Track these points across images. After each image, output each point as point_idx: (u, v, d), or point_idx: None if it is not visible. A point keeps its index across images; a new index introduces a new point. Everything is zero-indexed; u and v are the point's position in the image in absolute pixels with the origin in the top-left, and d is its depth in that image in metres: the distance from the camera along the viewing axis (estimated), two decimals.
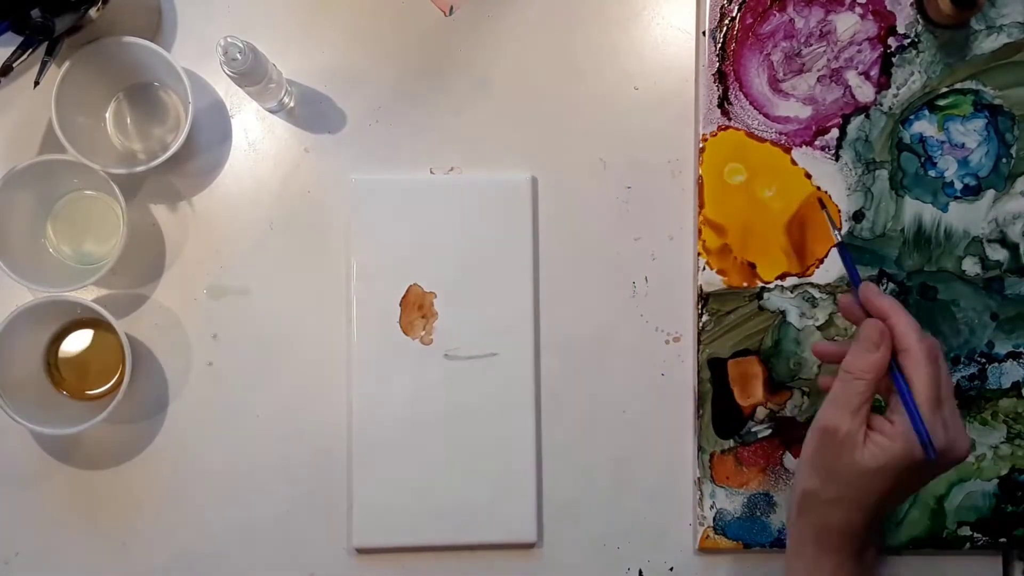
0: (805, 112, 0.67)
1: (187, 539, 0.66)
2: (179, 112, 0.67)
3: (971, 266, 0.67)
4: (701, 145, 0.67)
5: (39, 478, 0.66)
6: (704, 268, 0.67)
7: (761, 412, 0.67)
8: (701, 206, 0.67)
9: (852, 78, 0.67)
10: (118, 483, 0.66)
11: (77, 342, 0.66)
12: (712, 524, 0.67)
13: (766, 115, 0.67)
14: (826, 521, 0.56)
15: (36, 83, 0.60)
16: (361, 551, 0.66)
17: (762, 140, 0.67)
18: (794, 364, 0.67)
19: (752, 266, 0.67)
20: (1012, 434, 0.67)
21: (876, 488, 0.54)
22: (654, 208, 0.68)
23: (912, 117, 0.67)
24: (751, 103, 0.67)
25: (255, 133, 0.67)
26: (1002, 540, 0.67)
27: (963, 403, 0.67)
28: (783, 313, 0.67)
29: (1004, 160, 0.67)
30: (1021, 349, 0.67)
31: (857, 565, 0.56)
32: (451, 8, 0.68)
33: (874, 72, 0.67)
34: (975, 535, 0.67)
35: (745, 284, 0.66)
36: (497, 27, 0.68)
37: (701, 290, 0.67)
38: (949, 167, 0.67)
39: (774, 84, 0.67)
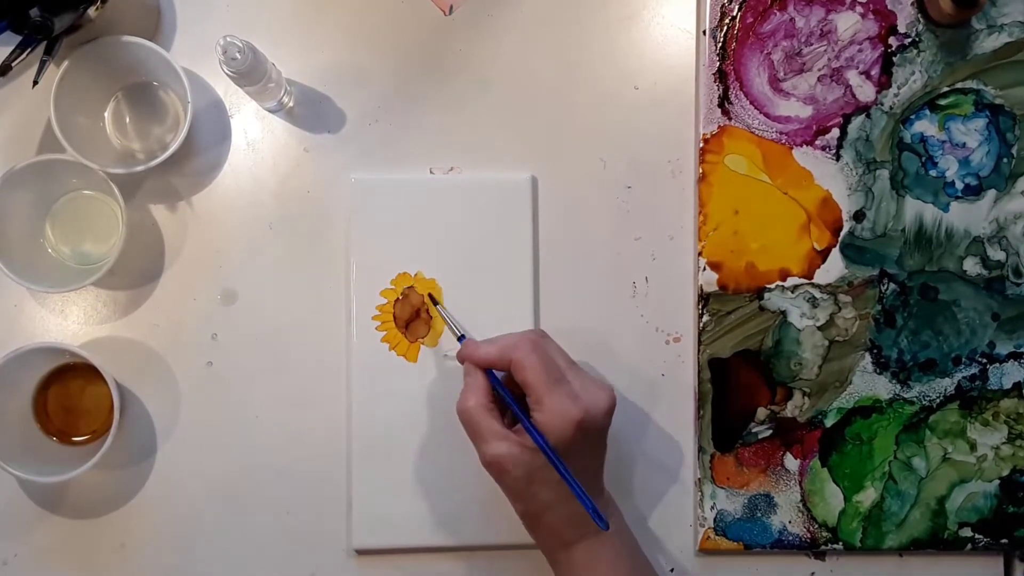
0: (806, 112, 0.67)
1: (186, 539, 0.66)
2: (178, 112, 0.67)
3: (972, 266, 0.67)
4: (701, 145, 0.67)
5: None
6: (704, 268, 0.66)
7: (762, 413, 0.67)
8: (702, 206, 0.66)
9: (853, 77, 0.67)
10: (117, 484, 0.66)
11: (66, 387, 0.65)
12: (713, 525, 0.66)
13: (766, 115, 0.67)
14: (550, 526, 0.58)
15: (35, 82, 0.59)
16: (360, 552, 0.66)
17: (763, 139, 0.67)
18: (795, 364, 0.67)
19: (753, 264, 0.67)
20: (1013, 435, 0.67)
21: (554, 476, 0.56)
22: (654, 208, 0.68)
23: (913, 117, 0.67)
24: (751, 103, 0.67)
25: (254, 133, 0.67)
26: (1003, 541, 0.67)
27: (964, 403, 0.67)
28: (784, 313, 0.67)
29: (1005, 160, 0.67)
30: (1022, 349, 0.67)
31: (606, 537, 0.58)
32: (451, 8, 0.67)
33: (875, 71, 0.67)
34: (976, 536, 0.67)
35: (745, 287, 0.66)
36: (497, 27, 0.68)
37: (701, 290, 0.67)
38: (950, 167, 0.67)
39: (775, 83, 0.67)
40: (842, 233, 0.67)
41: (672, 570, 0.67)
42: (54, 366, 0.65)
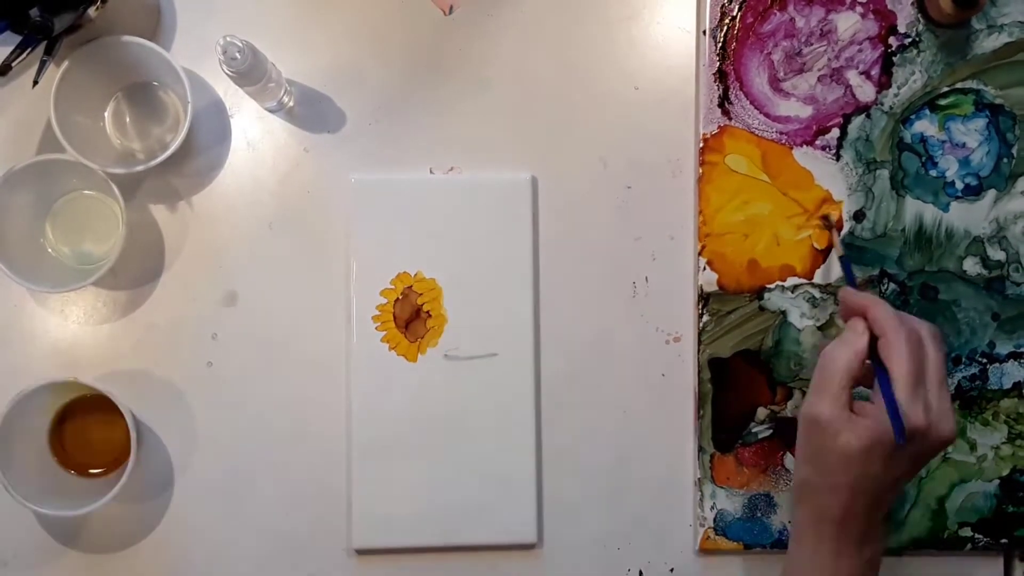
0: (806, 112, 0.67)
1: (186, 540, 0.66)
2: (178, 112, 0.67)
3: (972, 266, 0.67)
4: (701, 145, 0.67)
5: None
6: (704, 268, 0.66)
7: (762, 412, 0.67)
8: (702, 206, 0.66)
9: (853, 77, 0.67)
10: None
11: (83, 419, 0.65)
12: (713, 525, 0.66)
13: (767, 115, 0.67)
14: (821, 508, 0.56)
15: (35, 82, 0.59)
16: (360, 552, 0.66)
17: (763, 139, 0.67)
18: (794, 364, 0.67)
19: (754, 264, 0.67)
20: (1013, 434, 0.67)
21: (865, 472, 0.54)
22: (654, 208, 0.68)
23: (913, 117, 0.67)
24: (752, 102, 0.67)
25: (254, 133, 0.67)
26: (1003, 541, 0.67)
27: (964, 403, 0.67)
28: (784, 313, 0.67)
29: (1005, 160, 0.67)
30: (1022, 349, 0.67)
31: (856, 555, 0.56)
32: (451, 8, 0.67)
33: (875, 71, 0.67)
34: (976, 536, 0.67)
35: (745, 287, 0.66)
36: (497, 27, 0.68)
37: (701, 290, 0.67)
38: (950, 167, 0.67)
39: (775, 83, 0.67)
40: (842, 233, 0.67)
41: (672, 570, 0.67)
42: (69, 399, 0.65)
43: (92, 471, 0.65)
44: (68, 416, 0.65)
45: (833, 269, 0.67)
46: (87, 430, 0.65)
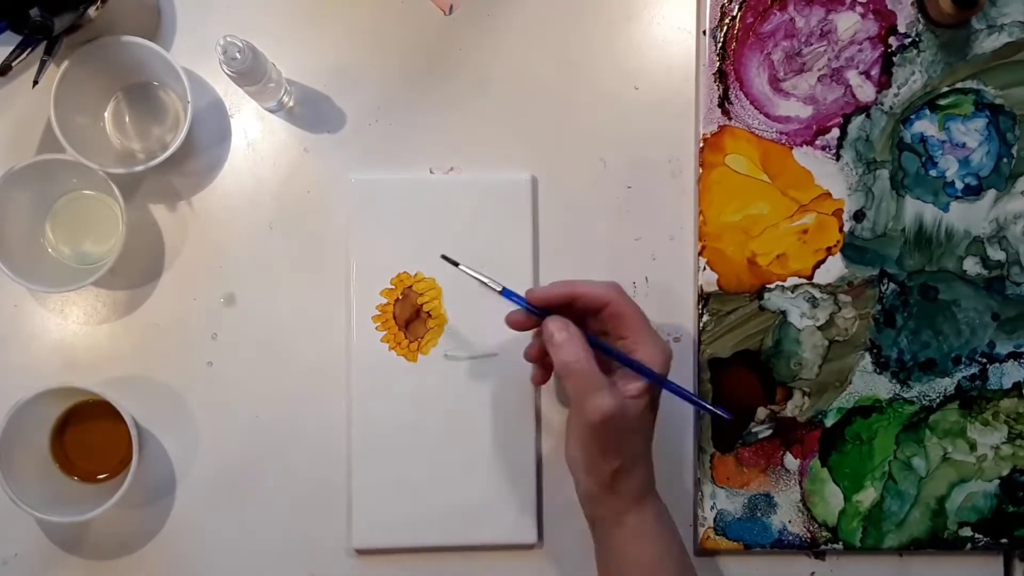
0: (806, 112, 0.67)
1: (188, 542, 0.66)
2: (178, 111, 0.67)
3: (972, 266, 0.67)
4: (701, 145, 0.67)
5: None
6: (704, 268, 0.66)
7: (762, 412, 0.67)
8: (702, 206, 0.66)
9: (853, 77, 0.67)
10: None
11: (84, 424, 0.65)
12: (713, 525, 0.67)
13: (767, 114, 0.67)
14: (640, 479, 0.58)
15: (35, 82, 0.60)
16: (360, 552, 0.66)
17: (763, 139, 0.67)
18: (795, 364, 0.67)
19: (754, 264, 0.66)
20: (1013, 434, 0.67)
21: (651, 425, 0.59)
22: (654, 208, 0.68)
23: (913, 117, 0.67)
24: (751, 102, 0.67)
25: (254, 133, 0.67)
26: (1003, 541, 0.67)
27: (964, 403, 0.67)
28: (784, 313, 0.67)
29: (1005, 160, 0.67)
30: (1022, 349, 0.67)
31: (658, 498, 0.60)
32: (451, 7, 0.67)
33: (875, 71, 0.67)
34: (976, 536, 0.67)
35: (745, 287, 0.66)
36: (497, 27, 0.68)
37: (701, 290, 0.67)
38: (950, 167, 0.67)
39: (775, 83, 0.67)
40: (843, 233, 0.67)
41: None
42: (71, 404, 0.65)
43: (94, 476, 0.65)
44: (70, 422, 0.65)
45: (834, 269, 0.67)
46: (88, 435, 0.65)
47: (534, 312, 0.59)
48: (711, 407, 0.60)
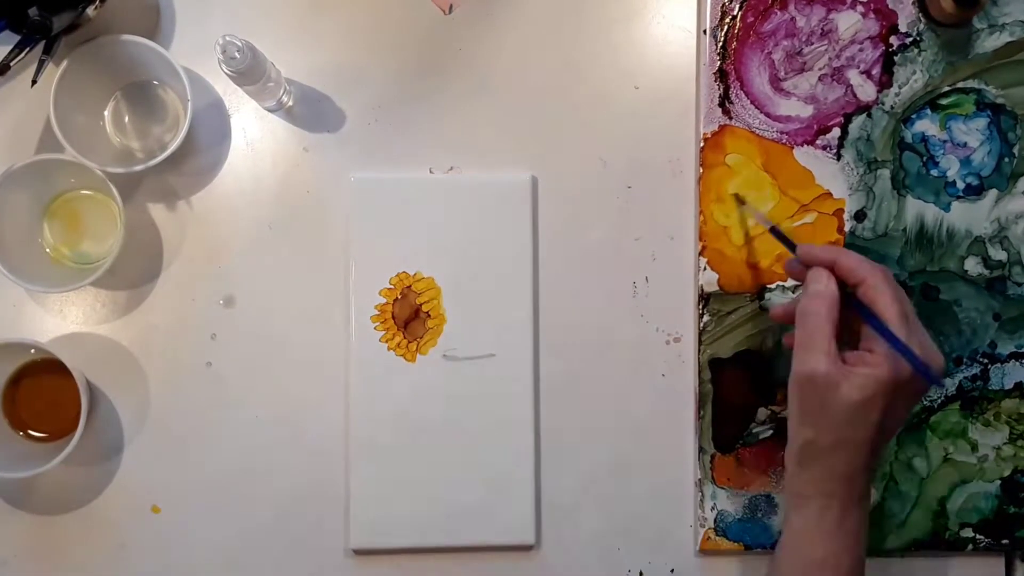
0: (806, 111, 0.67)
1: (184, 541, 0.66)
2: (178, 111, 0.66)
3: (973, 266, 0.67)
4: (702, 144, 0.66)
5: None
6: (704, 268, 0.66)
7: (762, 413, 0.66)
8: (702, 206, 0.66)
9: (854, 77, 0.67)
10: (112, 482, 0.65)
11: (38, 382, 0.65)
12: (713, 526, 0.66)
13: (767, 114, 0.66)
14: (829, 468, 0.55)
15: (34, 82, 0.59)
16: (358, 552, 0.66)
17: (763, 139, 0.66)
18: None
19: (754, 266, 0.66)
20: (1015, 435, 0.67)
21: (868, 421, 0.53)
22: (654, 208, 0.67)
23: (914, 116, 0.67)
24: (752, 102, 0.66)
25: (254, 132, 0.67)
26: (1004, 542, 0.67)
27: (965, 404, 0.67)
28: None
29: (1006, 159, 0.67)
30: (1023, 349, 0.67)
31: (859, 511, 0.56)
32: (450, 7, 0.67)
33: (876, 71, 0.67)
34: (977, 537, 0.67)
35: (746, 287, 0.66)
36: (497, 26, 0.67)
37: (702, 290, 0.66)
38: (951, 166, 0.67)
39: (775, 83, 0.67)
40: (843, 233, 0.66)
41: (673, 571, 0.67)
42: (22, 362, 0.64)
43: (42, 434, 0.65)
44: (23, 379, 0.65)
45: None
46: (43, 394, 0.65)
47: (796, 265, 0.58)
48: (924, 368, 0.53)
